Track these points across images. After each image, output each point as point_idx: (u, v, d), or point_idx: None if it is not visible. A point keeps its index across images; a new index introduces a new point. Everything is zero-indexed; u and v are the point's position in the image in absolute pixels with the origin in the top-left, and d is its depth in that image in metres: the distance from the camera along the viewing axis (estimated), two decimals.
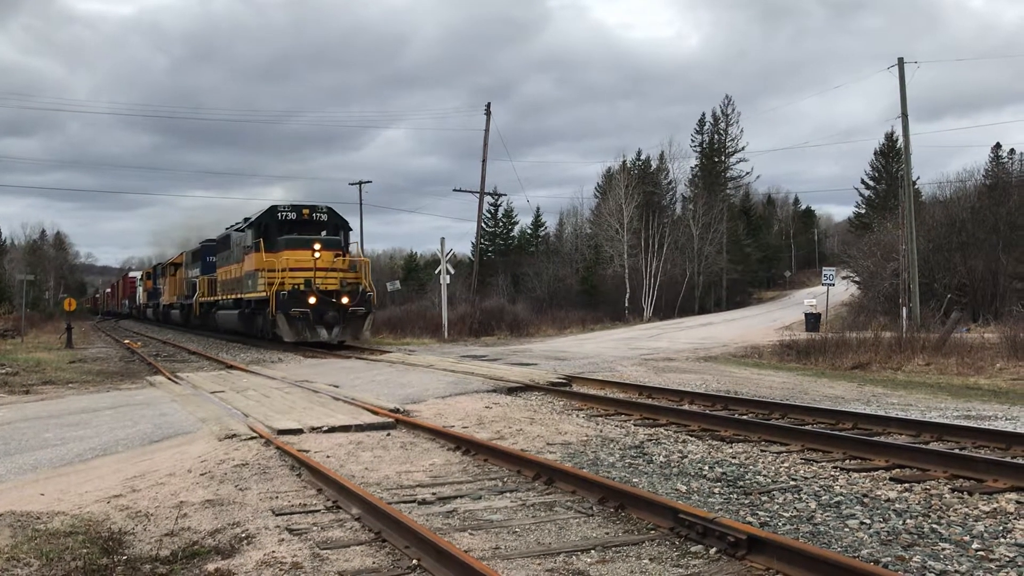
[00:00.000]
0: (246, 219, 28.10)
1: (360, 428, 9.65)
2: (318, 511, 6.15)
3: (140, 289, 60.14)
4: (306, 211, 25.90)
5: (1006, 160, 74.01)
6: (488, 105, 39.55)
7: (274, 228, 25.34)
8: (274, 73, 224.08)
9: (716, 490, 6.67)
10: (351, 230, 27.11)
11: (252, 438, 9.09)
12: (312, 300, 23.46)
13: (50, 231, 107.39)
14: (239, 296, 27.91)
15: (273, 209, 25.92)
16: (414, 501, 6.40)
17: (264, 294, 24.33)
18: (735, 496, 6.48)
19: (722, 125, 78.02)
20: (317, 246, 24.07)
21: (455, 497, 6.51)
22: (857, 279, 45.27)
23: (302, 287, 23.67)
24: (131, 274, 73.60)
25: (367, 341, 25.33)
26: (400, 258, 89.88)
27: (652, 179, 71.72)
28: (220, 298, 31.52)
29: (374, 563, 4.97)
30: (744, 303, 73.16)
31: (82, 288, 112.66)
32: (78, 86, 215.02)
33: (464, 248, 75.70)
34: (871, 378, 16.54)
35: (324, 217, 26.25)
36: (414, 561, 4.88)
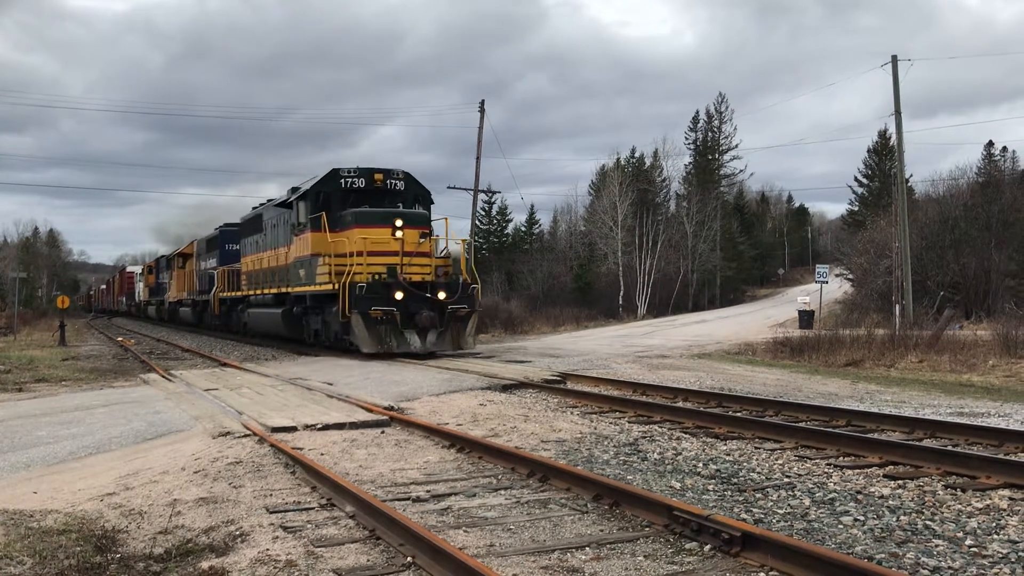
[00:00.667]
0: (293, 189, 21.88)
1: (354, 426, 9.63)
2: (312, 509, 6.14)
3: (140, 285, 55.53)
4: (378, 176, 19.84)
5: (999, 158, 74.34)
6: (482, 102, 39.53)
7: (337, 199, 19.50)
8: (270, 70, 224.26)
9: (710, 487, 6.68)
10: (433, 203, 20.93)
11: (246, 436, 9.07)
12: (399, 295, 17.75)
13: (43, 228, 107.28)
14: (284, 290, 21.80)
15: (335, 174, 19.88)
16: (408, 499, 6.40)
17: (329, 287, 18.48)
18: (729, 493, 6.49)
19: (716, 123, 78.08)
20: (399, 222, 18.28)
21: (449, 495, 6.50)
22: (850, 277, 45.39)
23: (384, 277, 17.97)
24: (129, 268, 70.20)
25: (470, 348, 19.33)
26: None
27: (646, 176, 71.68)
28: (250, 293, 25.66)
29: (368, 561, 4.96)
30: (738, 301, 73.24)
31: (75, 285, 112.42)
32: (72, 83, 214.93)
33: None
34: (864, 375, 16.58)
35: (401, 185, 20.14)
36: (409, 559, 4.88)
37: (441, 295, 18.25)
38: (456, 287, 18.65)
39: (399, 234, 18.25)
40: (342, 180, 19.72)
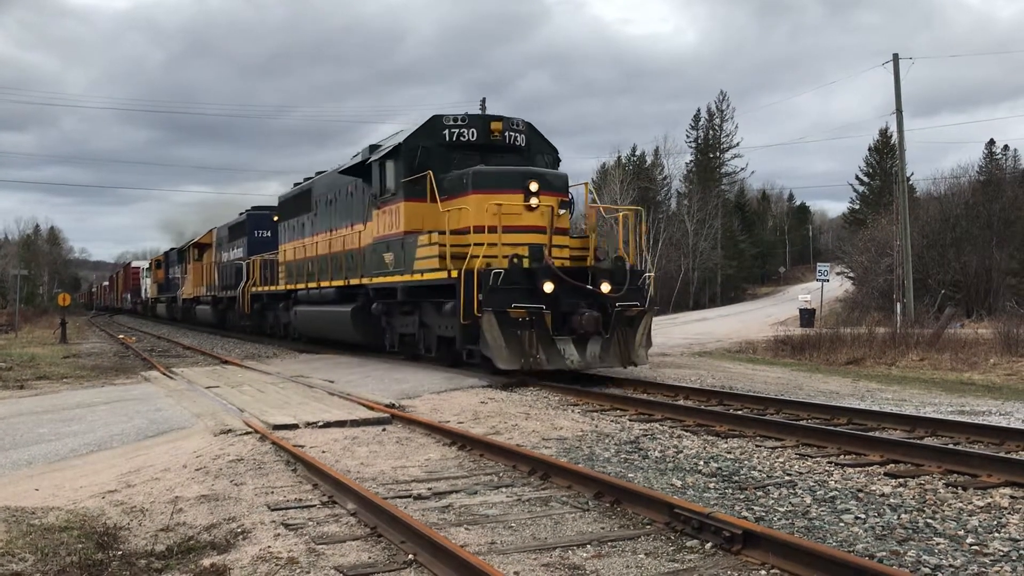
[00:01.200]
0: (372, 147, 16.90)
1: (355, 423, 9.63)
2: (314, 506, 6.14)
3: (148, 281, 51.85)
4: (496, 125, 15.07)
5: (1000, 156, 74.41)
6: (483, 100, 39.55)
7: (439, 157, 14.72)
8: (271, 69, 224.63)
9: (711, 485, 6.68)
10: (560, 161, 16.27)
11: (247, 433, 9.08)
12: (549, 287, 12.70)
13: (44, 226, 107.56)
14: (355, 282, 17.28)
15: (436, 123, 15.12)
16: (410, 496, 6.40)
17: (441, 275, 13.51)
18: (730, 491, 6.48)
19: (717, 121, 78.18)
20: (534, 185, 13.45)
21: (451, 492, 6.50)
22: (851, 275, 45.38)
23: (526, 262, 12.97)
24: (134, 263, 67.07)
25: (643, 363, 13.96)
26: None
27: (647, 174, 71.75)
28: (298, 287, 21.16)
29: (370, 558, 4.96)
30: (739, 299, 73.27)
31: (76, 283, 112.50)
32: (73, 81, 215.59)
33: None
34: (865, 373, 16.58)
35: (522, 139, 15.43)
36: (410, 556, 4.88)
37: (605, 287, 13.14)
38: (623, 275, 13.42)
39: (535, 201, 13.40)
40: (446, 131, 14.96)
